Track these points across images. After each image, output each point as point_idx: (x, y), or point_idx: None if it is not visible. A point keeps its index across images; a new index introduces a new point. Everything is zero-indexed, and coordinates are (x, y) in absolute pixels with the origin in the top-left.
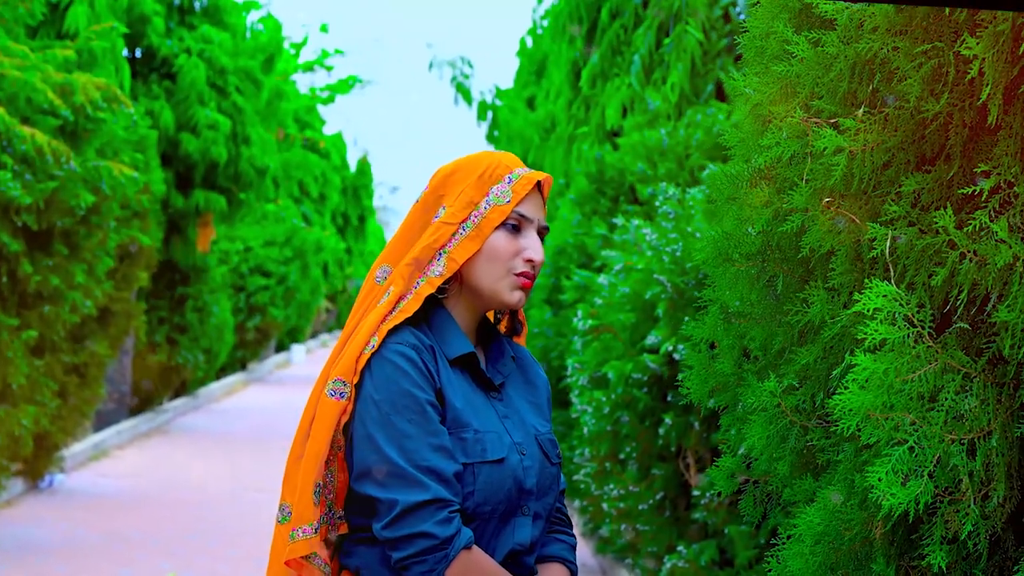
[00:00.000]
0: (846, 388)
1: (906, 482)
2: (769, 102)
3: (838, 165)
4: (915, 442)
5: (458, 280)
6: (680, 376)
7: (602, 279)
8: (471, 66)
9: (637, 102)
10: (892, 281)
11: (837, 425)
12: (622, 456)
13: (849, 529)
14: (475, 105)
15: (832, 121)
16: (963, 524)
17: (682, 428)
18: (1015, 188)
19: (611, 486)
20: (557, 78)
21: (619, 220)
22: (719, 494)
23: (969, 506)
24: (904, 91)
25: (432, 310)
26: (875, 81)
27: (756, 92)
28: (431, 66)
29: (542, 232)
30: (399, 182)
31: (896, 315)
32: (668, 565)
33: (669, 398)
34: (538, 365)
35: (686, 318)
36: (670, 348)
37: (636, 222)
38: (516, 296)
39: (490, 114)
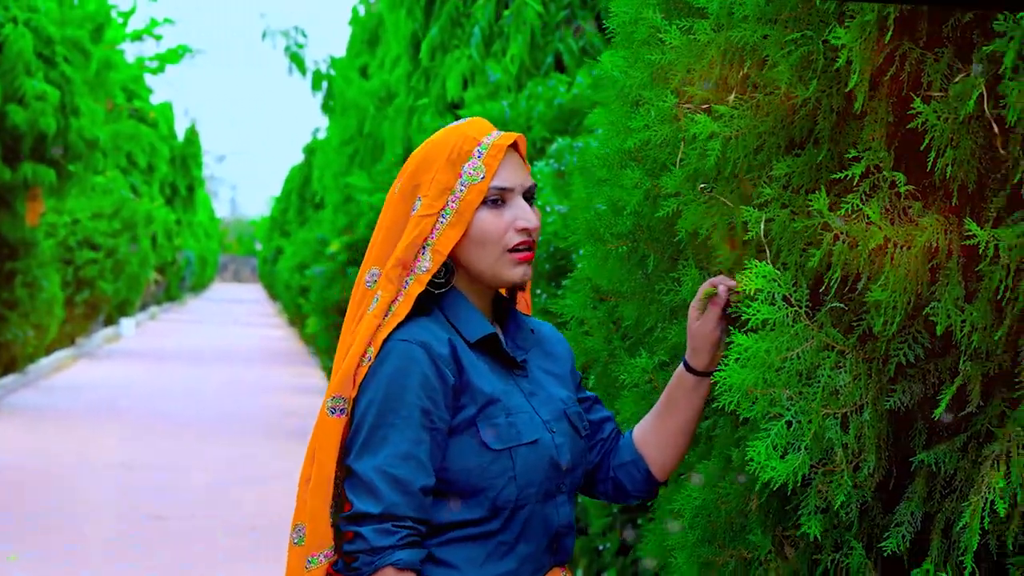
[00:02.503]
0: (725, 365)
1: (785, 455)
2: (639, 86)
3: (713, 150)
4: (792, 417)
5: (459, 266)
6: None
7: None
8: (305, 35)
9: (478, 74)
10: (768, 261)
11: (714, 401)
12: None
13: (726, 502)
14: (309, 75)
15: (704, 107)
16: (836, 494)
17: None
18: (883, 172)
19: None
20: (394, 48)
21: None
22: None
23: (843, 477)
24: (775, 78)
25: (446, 295)
26: (745, 68)
27: (625, 75)
28: (264, 36)
29: (530, 193)
30: (228, 151)
31: (775, 295)
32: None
33: None
34: (559, 334)
35: (538, 291)
36: None
37: None
38: (519, 272)
39: (325, 84)
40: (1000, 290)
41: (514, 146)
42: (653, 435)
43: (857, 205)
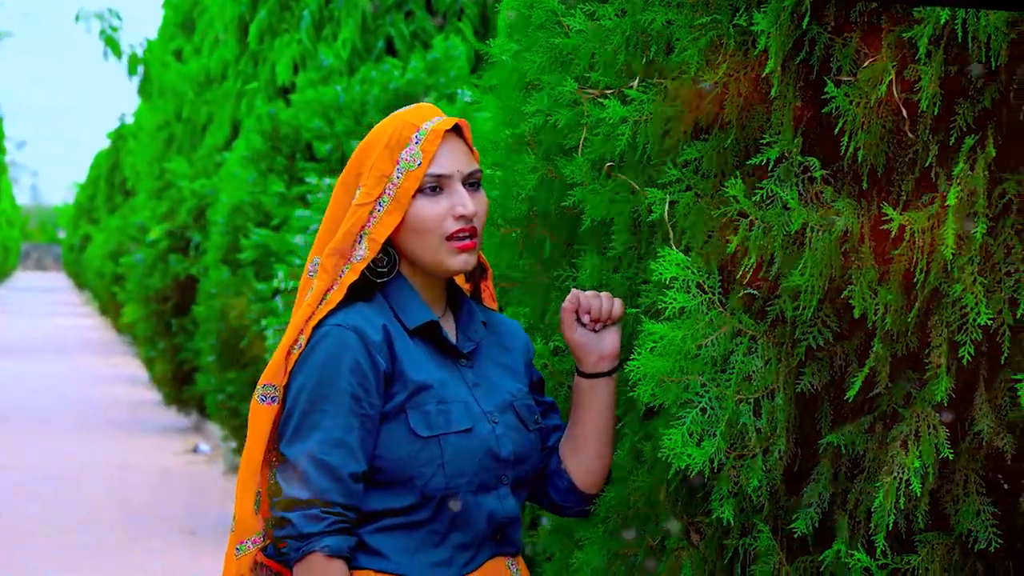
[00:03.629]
0: (639, 354)
1: (700, 442)
2: (537, 71)
3: (623, 135)
4: (707, 404)
5: (402, 255)
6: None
7: (298, 239)
8: (120, 18)
9: (309, 58)
10: (672, 244)
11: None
12: None
13: (637, 495)
14: (125, 59)
15: (607, 92)
16: (751, 478)
17: None
18: (796, 157)
19: None
20: (213, 31)
21: (312, 179)
22: None
23: (756, 461)
24: (683, 62)
25: (390, 282)
26: (651, 53)
27: (520, 60)
28: (78, 18)
29: (473, 178)
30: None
31: (689, 283)
32: None
33: None
34: (518, 327)
35: None
36: None
37: (328, 181)
38: (460, 260)
39: (141, 68)
40: (915, 272)
41: (457, 131)
42: (568, 443)
43: (772, 190)
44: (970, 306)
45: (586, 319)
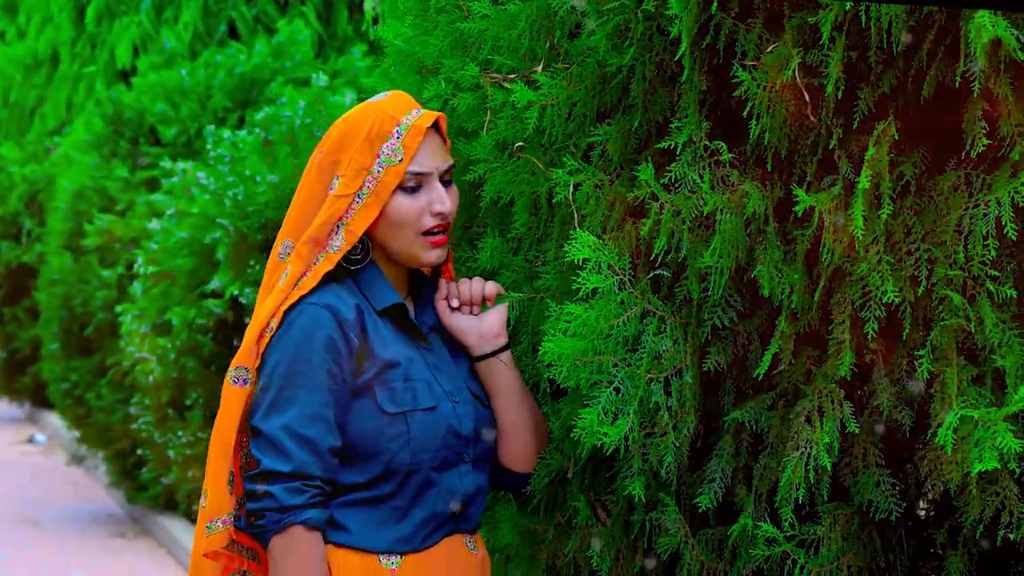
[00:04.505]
0: (552, 335)
1: (615, 421)
2: (438, 55)
3: (531, 119)
4: (620, 383)
5: (375, 244)
6: (248, 320)
7: (154, 224)
8: None
9: (150, 41)
10: (576, 227)
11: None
12: (188, 402)
13: (549, 476)
14: None
15: (511, 76)
16: (663, 455)
17: None
18: (704, 142)
19: (180, 433)
20: (51, 10)
21: (167, 163)
22: None
23: (667, 438)
24: (590, 46)
25: (362, 266)
26: (555, 38)
27: (418, 44)
28: None
29: (448, 174)
30: None
31: (601, 264)
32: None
33: (235, 342)
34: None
35: (251, 261)
36: (236, 292)
37: (183, 165)
38: (434, 255)
39: None
40: (821, 252)
41: (435, 125)
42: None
43: (682, 174)
44: (875, 285)
45: (455, 303)
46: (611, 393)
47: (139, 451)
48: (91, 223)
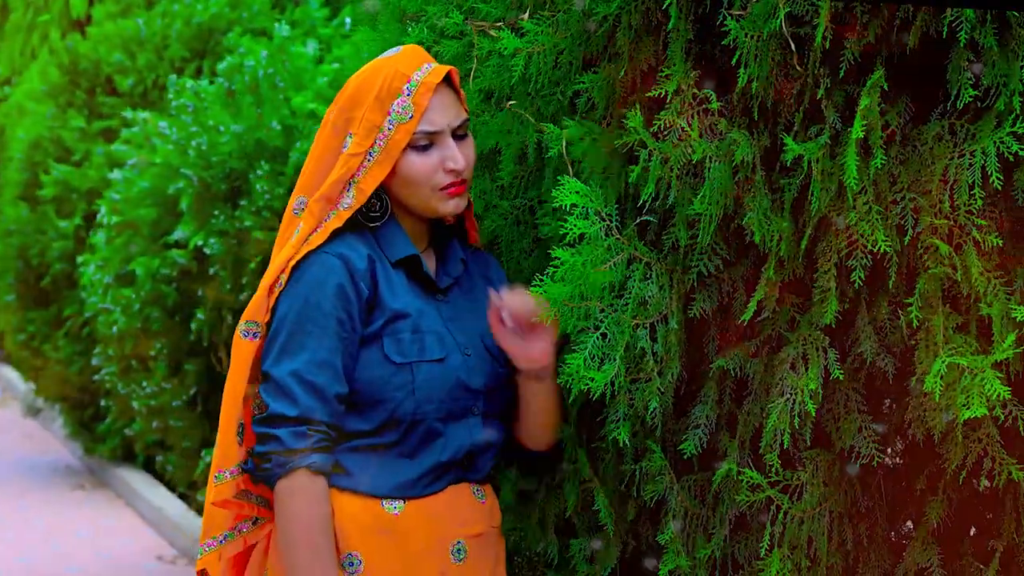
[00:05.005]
0: (542, 282)
1: (601, 366)
2: (422, 2)
3: (517, 66)
4: (607, 328)
5: (393, 199)
6: (213, 269)
7: (116, 174)
8: None
9: None
10: (571, 176)
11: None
12: (152, 353)
13: None
14: None
15: (497, 24)
16: (649, 400)
17: (213, 323)
18: (692, 90)
19: (144, 384)
20: None
21: (128, 113)
22: None
23: (653, 384)
24: None
25: (380, 218)
26: None
27: None
28: None
29: (462, 128)
30: None
31: (588, 210)
32: (208, 459)
33: (200, 293)
34: (496, 265)
35: (216, 212)
36: (200, 243)
37: (144, 115)
38: (451, 205)
39: None
40: (809, 200)
41: (446, 79)
42: (516, 415)
43: (673, 122)
44: (865, 233)
45: (508, 322)
46: (597, 338)
47: (103, 402)
48: (47, 173)
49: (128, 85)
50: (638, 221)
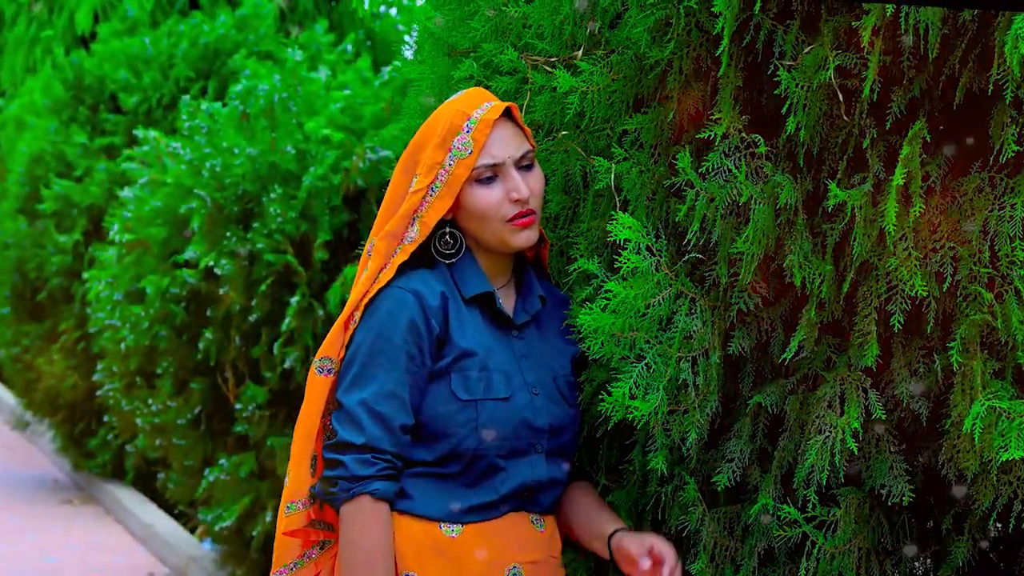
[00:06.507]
0: (591, 309)
1: (645, 396)
2: (480, 39)
3: (572, 104)
4: (651, 360)
5: (468, 236)
6: (223, 290)
7: (127, 192)
8: None
9: (110, 8)
10: (617, 208)
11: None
12: (159, 371)
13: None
14: None
15: (552, 60)
16: (687, 432)
17: (221, 343)
18: (741, 134)
19: (150, 401)
20: None
21: (139, 132)
22: (259, 407)
23: (695, 416)
24: (634, 38)
25: (457, 259)
26: (596, 27)
27: (447, 30)
28: None
29: (526, 159)
30: None
31: (641, 245)
32: (211, 478)
33: (208, 313)
34: (569, 303)
35: (228, 233)
36: (211, 263)
37: (154, 134)
38: (522, 238)
39: None
40: (851, 245)
41: (508, 114)
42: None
43: (719, 163)
44: (904, 279)
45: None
46: (642, 369)
47: (105, 418)
48: (48, 188)
49: (133, 103)
50: (686, 258)
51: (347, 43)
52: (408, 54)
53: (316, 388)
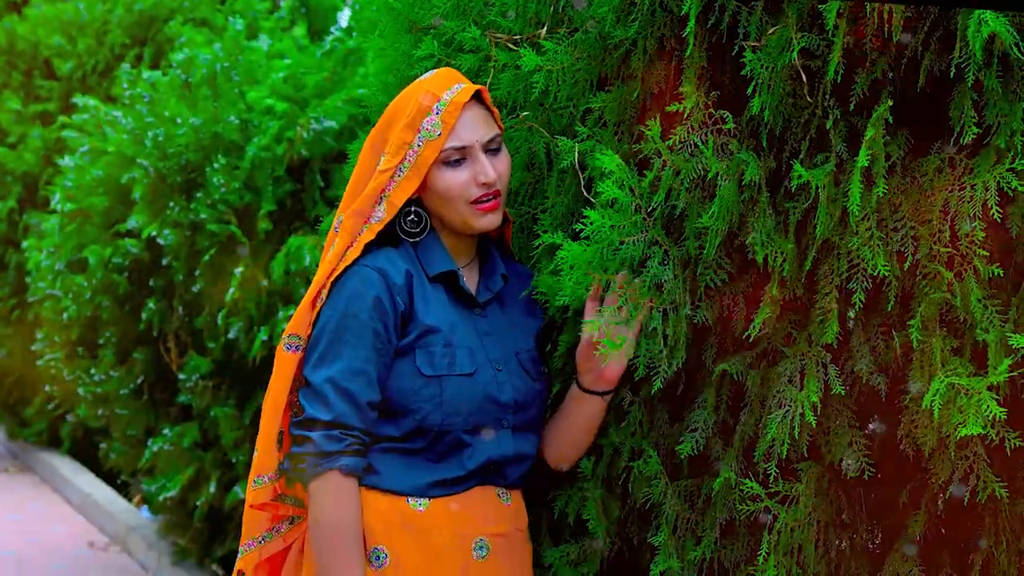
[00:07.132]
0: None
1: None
2: (441, 16)
3: (537, 83)
4: (623, 302)
5: (432, 215)
6: (165, 260)
7: (67, 161)
8: None
9: None
10: (583, 189)
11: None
12: (101, 341)
13: None
14: None
15: (516, 38)
16: (654, 383)
17: (164, 313)
18: (709, 110)
19: (92, 371)
20: None
21: (78, 100)
22: (203, 377)
23: (663, 367)
24: (599, 16)
25: (421, 238)
26: (559, 5)
27: (408, 5)
28: None
29: (494, 143)
30: None
31: (624, 182)
32: (154, 448)
33: (151, 283)
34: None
35: (171, 203)
36: (154, 233)
37: (92, 102)
38: (486, 221)
39: None
40: (815, 224)
41: (478, 96)
42: (548, 430)
43: (686, 137)
44: (866, 257)
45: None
46: (614, 311)
47: (46, 388)
48: None
49: (67, 69)
50: (665, 206)
51: (283, 10)
52: (343, 22)
53: (284, 365)
